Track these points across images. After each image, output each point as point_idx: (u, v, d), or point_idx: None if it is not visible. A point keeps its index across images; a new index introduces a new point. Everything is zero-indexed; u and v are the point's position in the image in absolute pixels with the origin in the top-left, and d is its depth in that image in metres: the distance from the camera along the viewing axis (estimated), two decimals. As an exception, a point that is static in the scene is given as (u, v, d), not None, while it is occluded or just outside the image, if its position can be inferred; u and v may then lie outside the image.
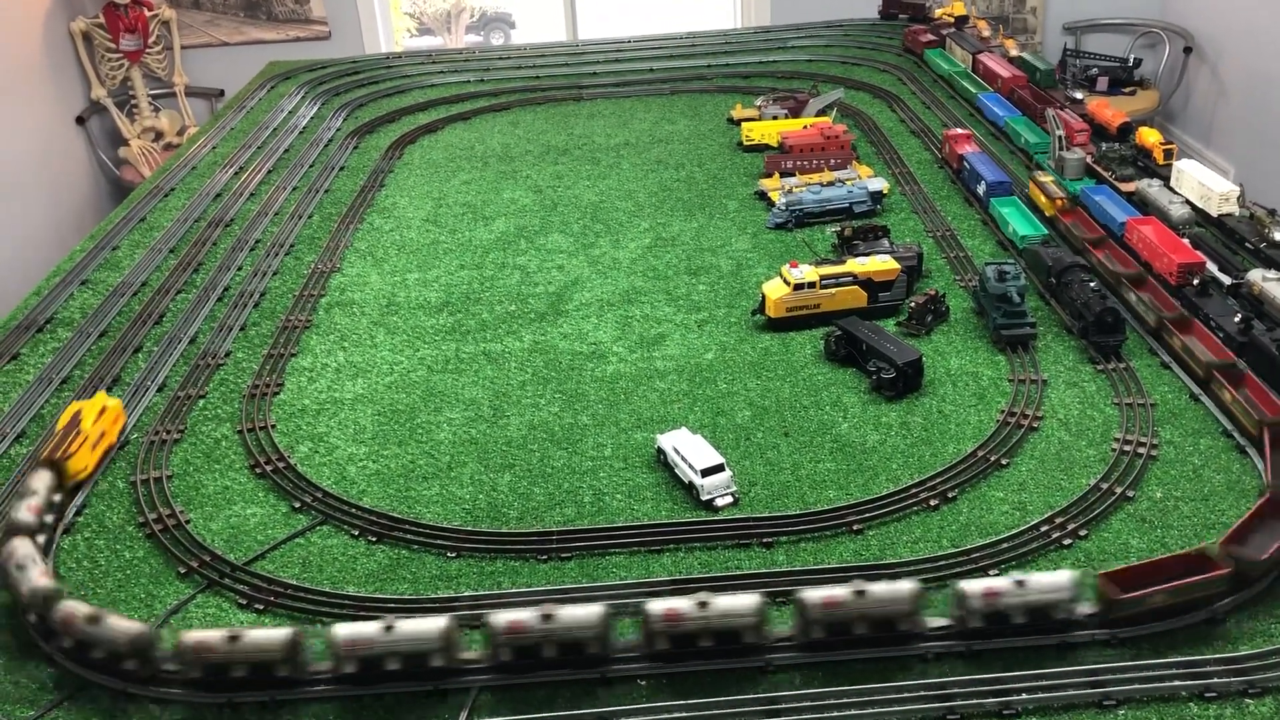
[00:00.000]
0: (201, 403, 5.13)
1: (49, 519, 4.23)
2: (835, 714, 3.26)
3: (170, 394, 5.18)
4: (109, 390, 5.18)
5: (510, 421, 4.91)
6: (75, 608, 3.55)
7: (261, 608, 3.85)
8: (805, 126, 7.76)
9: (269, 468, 4.61)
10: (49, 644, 3.63)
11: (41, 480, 4.26)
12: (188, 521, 4.31)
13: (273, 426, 4.92)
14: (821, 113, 8.18)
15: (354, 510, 4.33)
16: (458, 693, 3.44)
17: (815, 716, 3.25)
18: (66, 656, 3.59)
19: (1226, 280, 5.42)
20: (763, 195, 7.11)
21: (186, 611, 3.86)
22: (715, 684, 3.43)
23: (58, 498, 4.33)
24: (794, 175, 7.23)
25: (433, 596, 3.86)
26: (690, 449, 4.35)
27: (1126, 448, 4.42)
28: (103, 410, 4.68)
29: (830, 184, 6.87)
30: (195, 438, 4.87)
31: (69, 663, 3.57)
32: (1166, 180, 6.51)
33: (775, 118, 8.24)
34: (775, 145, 7.73)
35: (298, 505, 4.39)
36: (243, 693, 3.44)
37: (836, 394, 4.96)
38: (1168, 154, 6.83)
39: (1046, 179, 6.44)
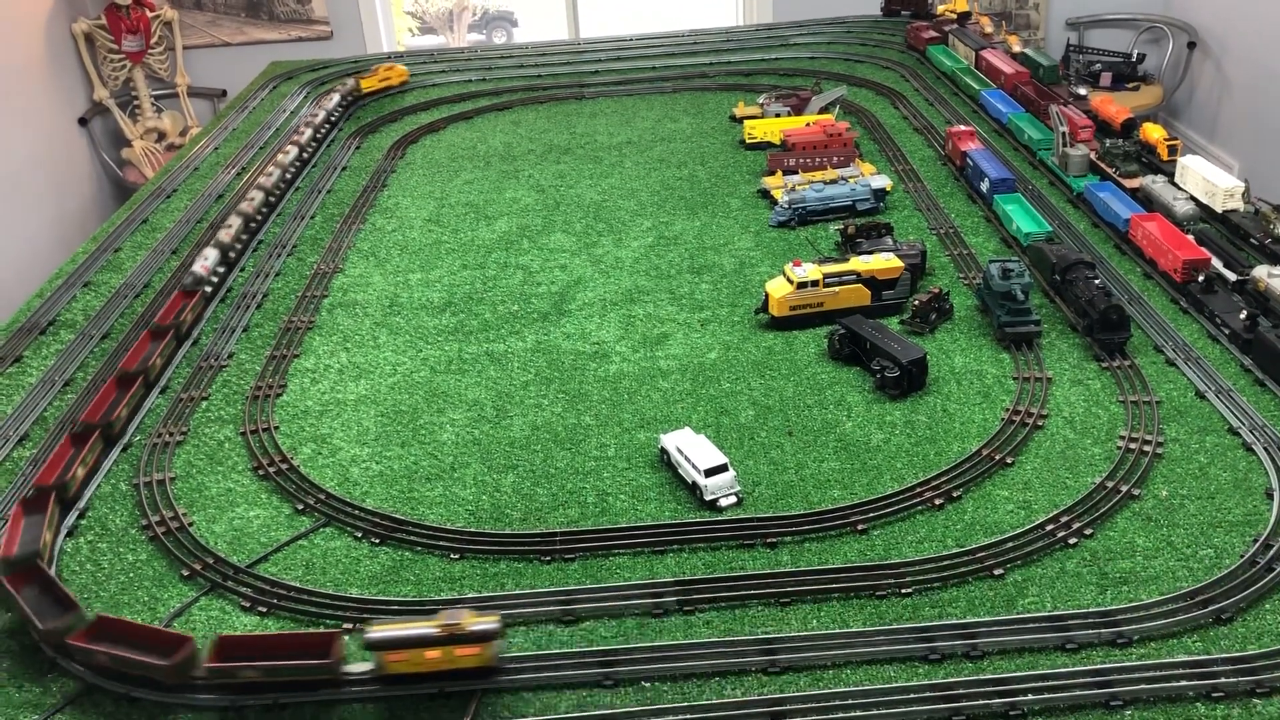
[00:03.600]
0: (204, 404, 5.12)
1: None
2: (841, 715, 3.25)
3: (173, 396, 5.17)
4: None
5: (513, 422, 4.90)
6: None
7: (265, 610, 3.84)
8: (808, 124, 7.73)
9: (272, 469, 4.61)
10: None
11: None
12: (191, 524, 4.30)
13: (275, 428, 4.91)
14: (824, 110, 8.16)
15: (357, 512, 4.33)
16: (461, 695, 3.43)
17: (822, 718, 3.24)
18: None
19: (1232, 277, 5.40)
20: (765, 193, 7.10)
21: (190, 614, 3.86)
22: (720, 686, 3.42)
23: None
24: (797, 173, 7.21)
25: (436, 599, 3.85)
26: (694, 449, 4.34)
27: (1132, 446, 4.40)
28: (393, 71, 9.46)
29: (833, 182, 6.85)
30: (198, 440, 4.86)
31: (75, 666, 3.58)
32: (1171, 176, 6.48)
33: (778, 115, 8.22)
34: (778, 143, 7.71)
35: (301, 507, 4.38)
36: (246, 696, 3.45)
37: (840, 393, 4.94)
38: (1172, 150, 6.80)
39: None
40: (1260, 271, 5.24)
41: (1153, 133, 6.97)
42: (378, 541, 4.17)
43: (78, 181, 12.34)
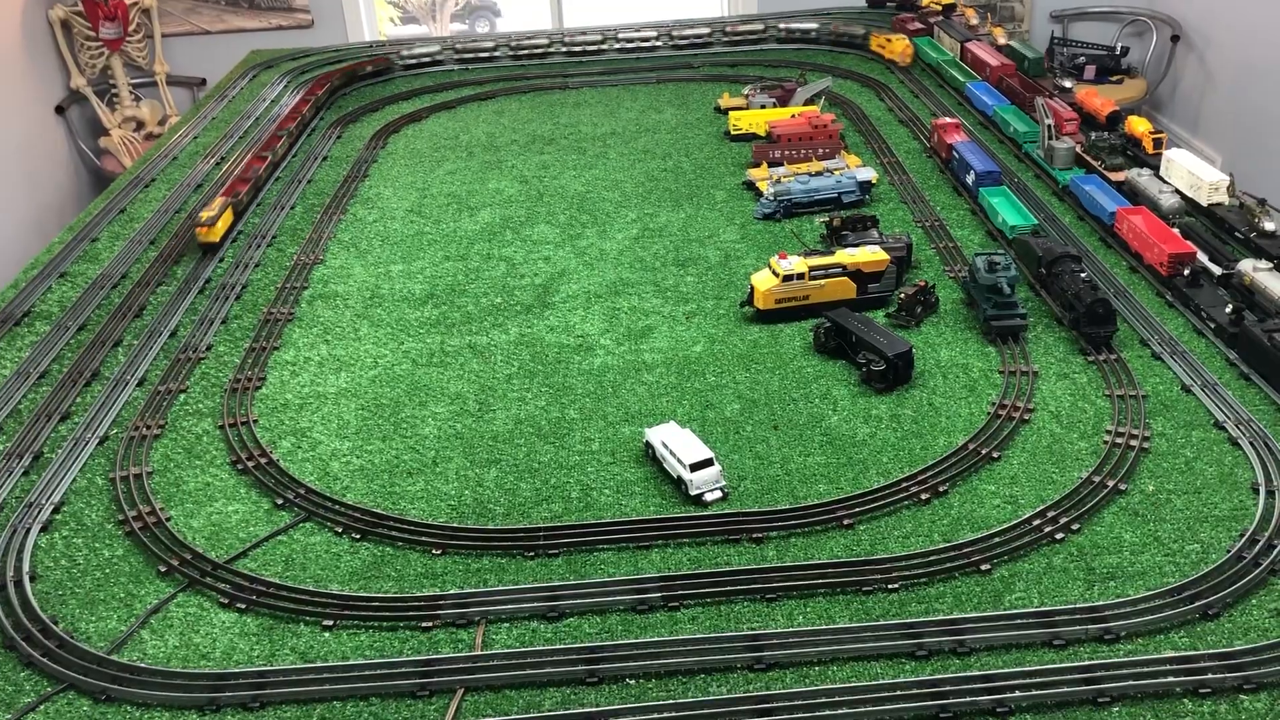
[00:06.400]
0: (182, 397, 5.05)
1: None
2: (828, 711, 3.22)
3: (150, 388, 5.10)
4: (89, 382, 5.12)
5: (496, 415, 4.85)
6: None
7: (243, 607, 3.79)
8: (793, 115, 7.70)
9: (251, 464, 4.54)
10: None
11: None
12: (168, 519, 4.24)
13: (255, 421, 4.85)
14: (810, 101, 8.13)
15: (337, 507, 4.27)
16: (443, 693, 3.39)
17: (808, 715, 3.21)
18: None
19: (1217, 270, 5.40)
20: (750, 185, 7.06)
21: (167, 611, 3.79)
22: (705, 683, 3.39)
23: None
24: (782, 165, 7.17)
25: (417, 595, 3.80)
26: (679, 443, 4.30)
27: (1118, 440, 4.38)
28: None
29: (818, 174, 6.82)
30: (176, 433, 4.79)
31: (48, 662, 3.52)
32: (1156, 169, 6.48)
33: (763, 107, 8.17)
34: (763, 134, 7.67)
35: (280, 502, 4.32)
36: (224, 693, 3.40)
37: (826, 386, 4.91)
38: (1157, 143, 6.80)
39: None
40: (1246, 265, 5.24)
41: (1138, 126, 6.96)
42: (358, 537, 4.12)
43: (54, 170, 12.19)
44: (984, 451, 4.38)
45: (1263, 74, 10.96)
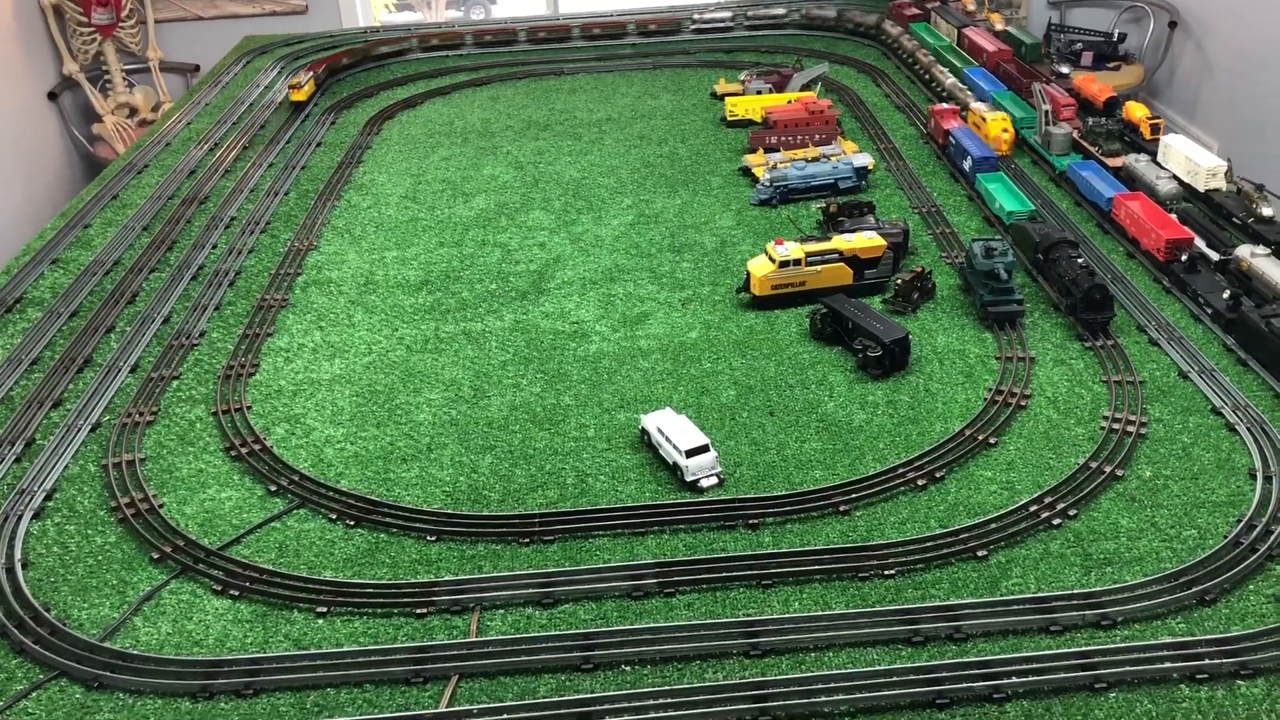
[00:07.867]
0: (175, 384, 5.02)
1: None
2: (824, 698, 3.21)
3: (143, 375, 5.07)
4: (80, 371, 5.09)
5: (491, 402, 4.82)
6: None
7: (237, 594, 3.77)
8: (790, 101, 7.66)
9: (244, 450, 4.52)
10: None
11: None
12: (161, 506, 4.21)
13: (248, 408, 4.82)
14: (806, 87, 8.09)
15: (332, 493, 4.24)
16: (437, 679, 3.37)
17: (804, 701, 3.20)
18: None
19: (1215, 256, 5.38)
20: (747, 171, 7.02)
21: (160, 598, 3.77)
22: (701, 669, 3.38)
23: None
24: (778, 151, 7.14)
25: (412, 581, 3.78)
26: (674, 429, 4.28)
27: (1115, 426, 4.37)
28: None
29: (815, 160, 6.79)
30: (169, 420, 4.77)
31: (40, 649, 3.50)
32: (1154, 155, 6.45)
33: (759, 92, 8.13)
34: (759, 120, 7.63)
35: (274, 488, 4.30)
36: (218, 680, 3.38)
37: (822, 372, 4.89)
38: (1154, 128, 6.77)
39: None
40: (1243, 251, 5.22)
41: (1136, 111, 6.94)
42: (353, 523, 4.10)
43: (47, 157, 12.12)
44: (981, 437, 4.37)
45: (1260, 60, 10.92)
